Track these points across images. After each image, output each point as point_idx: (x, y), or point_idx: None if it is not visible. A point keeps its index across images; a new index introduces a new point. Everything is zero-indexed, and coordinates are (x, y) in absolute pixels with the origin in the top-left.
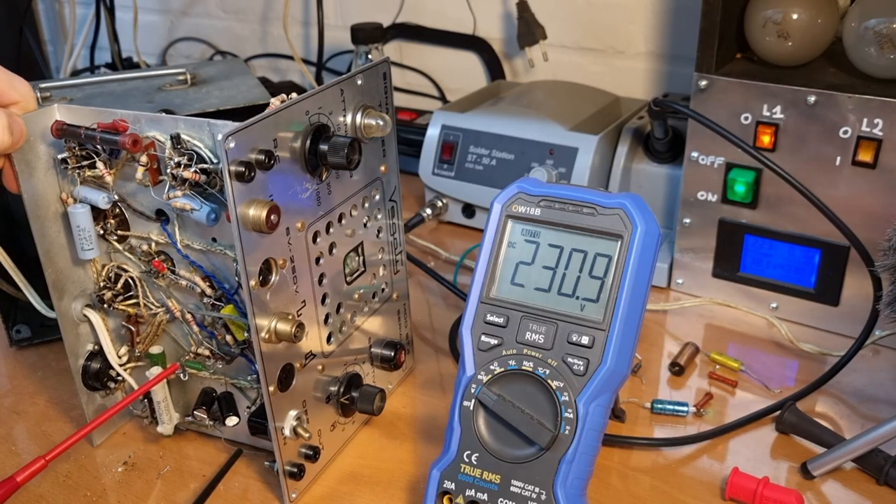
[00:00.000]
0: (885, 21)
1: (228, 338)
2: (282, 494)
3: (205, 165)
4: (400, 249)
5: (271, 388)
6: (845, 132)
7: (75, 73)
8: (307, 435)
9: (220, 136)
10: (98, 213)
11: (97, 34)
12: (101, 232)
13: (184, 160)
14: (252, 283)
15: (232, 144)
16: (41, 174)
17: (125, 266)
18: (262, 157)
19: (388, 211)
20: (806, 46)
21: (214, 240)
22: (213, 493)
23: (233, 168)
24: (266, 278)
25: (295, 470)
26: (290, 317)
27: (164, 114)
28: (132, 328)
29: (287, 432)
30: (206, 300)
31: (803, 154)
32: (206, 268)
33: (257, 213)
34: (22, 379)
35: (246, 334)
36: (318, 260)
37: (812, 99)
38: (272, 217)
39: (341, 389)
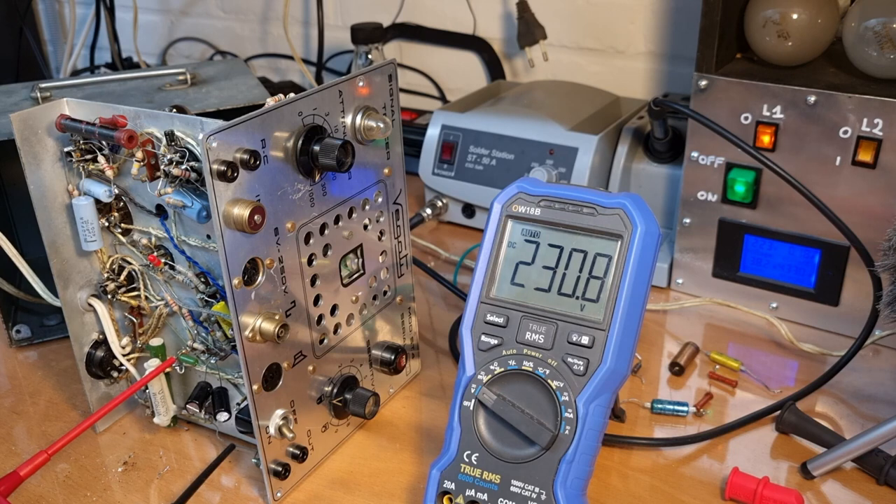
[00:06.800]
0: (885, 21)
1: (219, 334)
2: (266, 493)
3: (196, 163)
4: (405, 253)
5: (255, 387)
6: (845, 132)
7: (75, 73)
8: (291, 435)
9: (201, 136)
10: (103, 206)
11: (97, 34)
12: (106, 224)
13: (176, 157)
14: (235, 281)
15: (214, 144)
16: (48, 166)
17: (129, 259)
18: (246, 156)
19: (393, 214)
20: (806, 46)
21: (209, 237)
22: (203, 486)
23: (215, 167)
24: (252, 277)
25: (280, 469)
26: (276, 316)
27: (166, 111)
28: (135, 319)
29: (272, 431)
30: (199, 296)
31: (803, 154)
32: (201, 264)
33: (241, 212)
34: (22, 379)
35: (231, 332)
36: (310, 261)
37: (812, 99)
38: (255, 217)
39: (334, 391)
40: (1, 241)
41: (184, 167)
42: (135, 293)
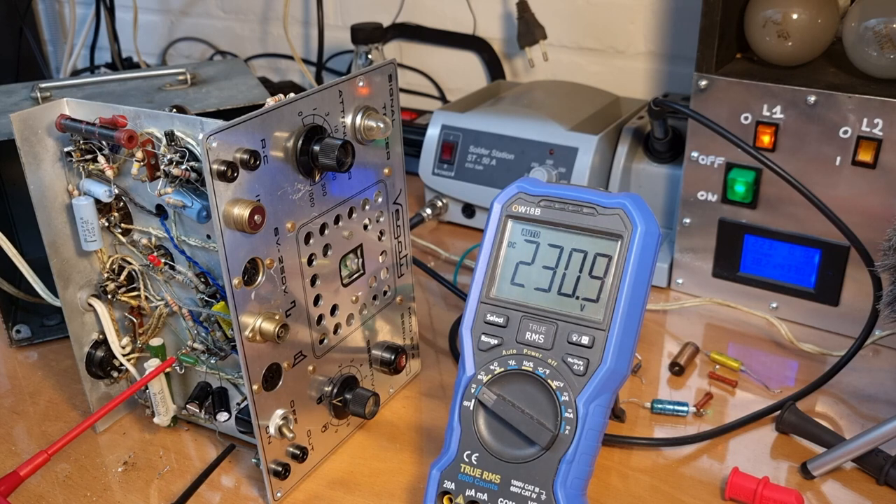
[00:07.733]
0: (885, 21)
1: (219, 334)
2: (266, 493)
3: (196, 163)
4: (405, 253)
5: (255, 387)
6: (845, 132)
7: (75, 73)
8: (291, 435)
9: (201, 136)
10: (103, 206)
11: (97, 34)
12: (106, 224)
13: (176, 157)
14: (235, 281)
15: (214, 144)
16: (48, 166)
17: (129, 259)
18: (246, 156)
19: (393, 214)
20: (806, 46)
21: (209, 237)
22: (203, 486)
23: (215, 167)
24: (252, 277)
25: (280, 469)
26: (276, 316)
27: (166, 111)
28: (135, 319)
29: (272, 431)
30: (199, 296)
31: (803, 154)
32: (201, 264)
33: (241, 212)
34: (22, 379)
35: (231, 332)
36: (310, 261)
37: (812, 99)
38: (255, 217)
39: (334, 391)
40: (1, 241)
41: (184, 167)
42: (135, 293)
